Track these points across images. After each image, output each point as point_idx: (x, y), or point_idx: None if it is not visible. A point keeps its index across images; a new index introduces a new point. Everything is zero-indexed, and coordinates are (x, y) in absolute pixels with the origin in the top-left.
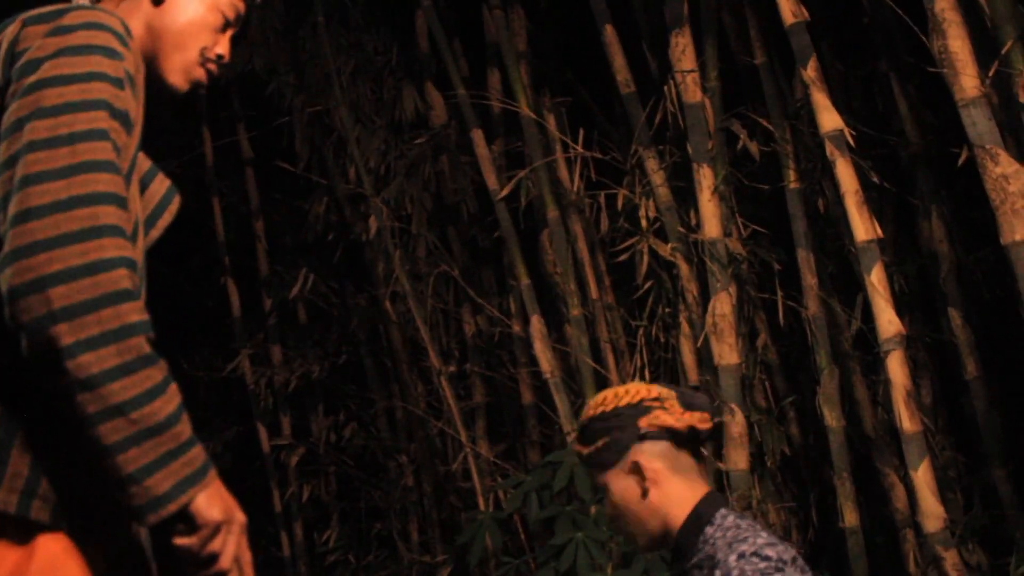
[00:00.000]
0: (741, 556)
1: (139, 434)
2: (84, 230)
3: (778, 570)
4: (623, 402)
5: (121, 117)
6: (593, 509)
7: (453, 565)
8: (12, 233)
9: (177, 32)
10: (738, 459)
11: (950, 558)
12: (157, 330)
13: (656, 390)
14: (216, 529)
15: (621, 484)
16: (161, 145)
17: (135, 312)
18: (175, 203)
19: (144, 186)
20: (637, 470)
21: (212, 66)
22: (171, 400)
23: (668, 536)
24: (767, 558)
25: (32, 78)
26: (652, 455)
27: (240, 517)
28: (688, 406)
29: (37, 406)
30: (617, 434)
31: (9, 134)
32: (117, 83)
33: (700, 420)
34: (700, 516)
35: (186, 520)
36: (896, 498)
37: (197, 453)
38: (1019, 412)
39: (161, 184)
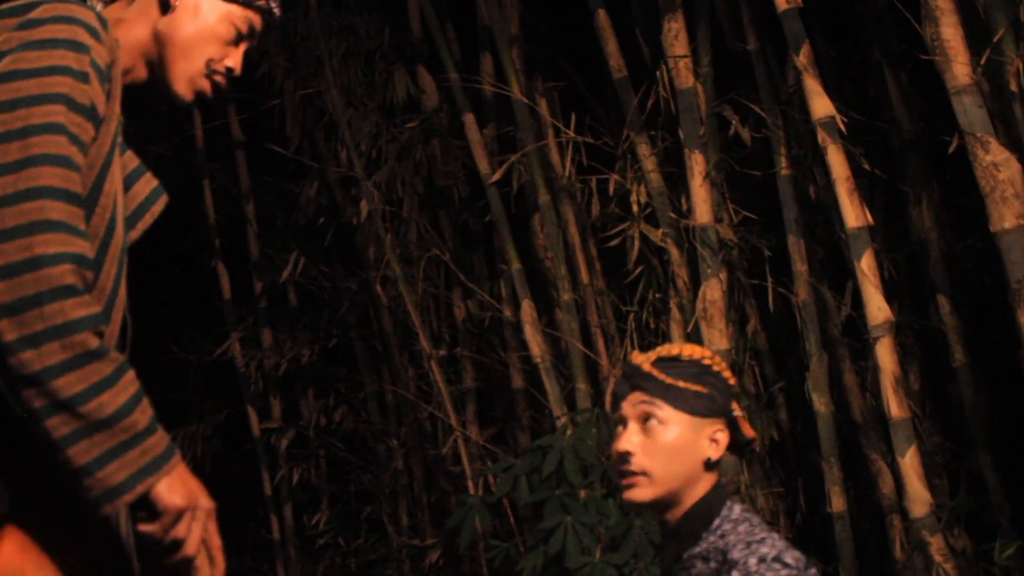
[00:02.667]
0: (762, 560)
1: (88, 427)
2: (28, 224)
3: None
4: (724, 372)
5: (83, 111)
6: (583, 493)
7: (443, 549)
8: None
9: (184, 41)
10: None
11: (936, 543)
12: (147, 313)
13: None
14: (178, 515)
15: (692, 435)
16: (151, 127)
17: (81, 307)
18: (159, 204)
19: (127, 186)
20: (717, 440)
21: (219, 78)
22: (123, 391)
23: (674, 509)
24: (788, 565)
25: None
26: (726, 439)
27: (205, 503)
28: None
29: None
30: (716, 394)
31: None
32: (80, 77)
33: (752, 444)
34: (711, 503)
35: (148, 507)
36: (883, 484)
37: (155, 442)
38: (1006, 399)
39: (146, 185)
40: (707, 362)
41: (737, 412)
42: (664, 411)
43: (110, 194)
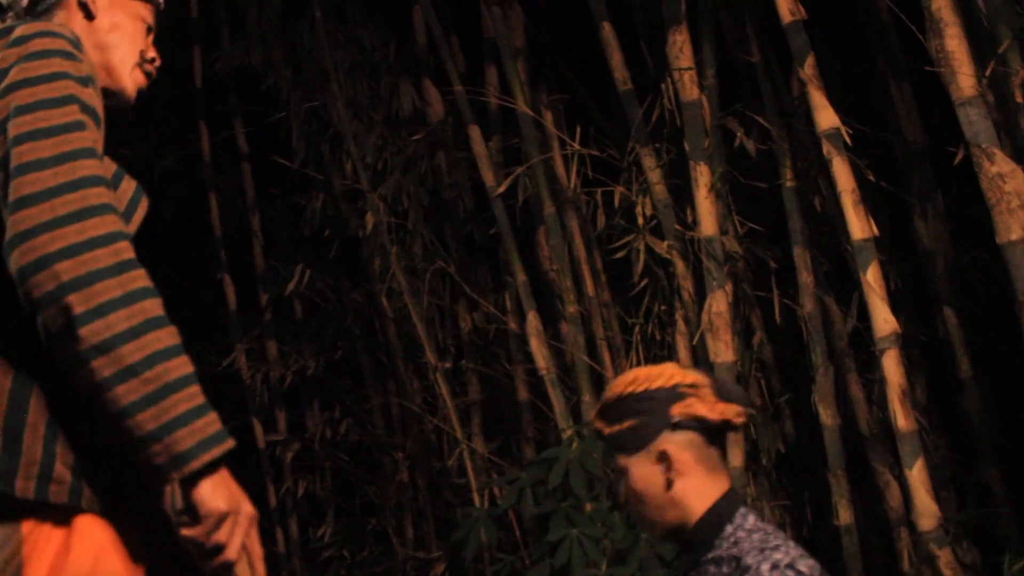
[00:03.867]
0: (775, 566)
1: (155, 393)
2: (77, 211)
3: None
4: (655, 384)
5: (90, 112)
6: (589, 506)
7: (448, 561)
8: (12, 220)
9: (118, 42)
10: (733, 457)
11: (944, 556)
12: None
13: (692, 376)
14: (221, 519)
15: (644, 471)
16: (157, 140)
17: (140, 279)
18: (144, 203)
19: (115, 184)
20: (665, 459)
21: (149, 66)
22: (185, 364)
23: (683, 528)
24: (801, 572)
25: (3, 85)
26: (681, 445)
27: (248, 509)
28: (723, 396)
29: (55, 392)
30: (646, 418)
31: None
32: (81, 81)
33: (736, 414)
34: (720, 513)
35: (191, 510)
36: (890, 496)
37: (215, 419)
38: (1013, 411)
39: (129, 184)
40: (630, 389)
41: (684, 408)
42: (619, 461)
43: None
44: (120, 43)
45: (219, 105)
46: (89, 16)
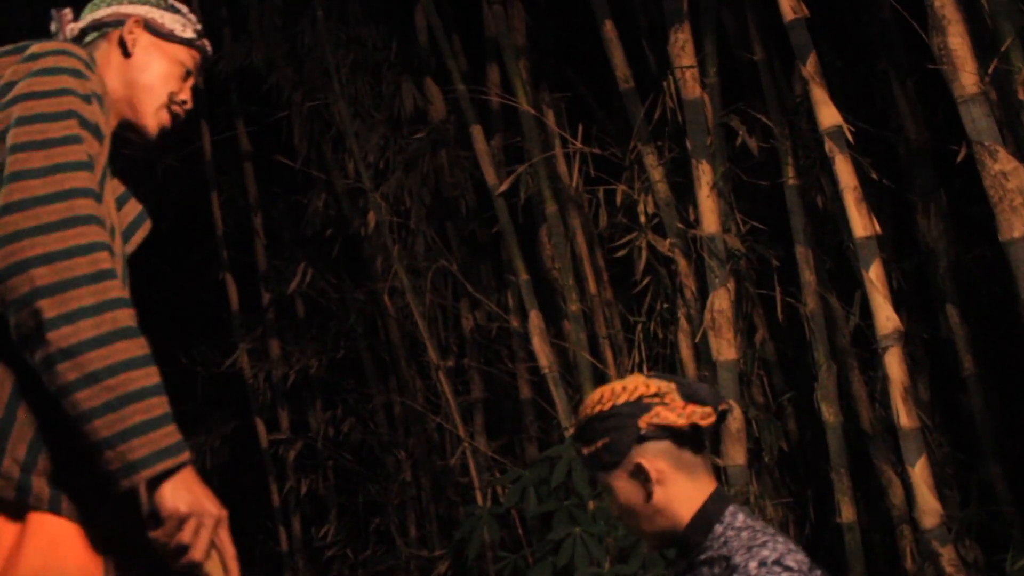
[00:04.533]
0: (763, 564)
1: (115, 401)
2: (62, 220)
3: None
4: (621, 400)
5: (91, 127)
6: (591, 505)
7: (451, 560)
8: None
9: (147, 81)
10: (736, 455)
11: (947, 554)
12: (155, 324)
13: (655, 384)
14: (181, 521)
15: (624, 486)
16: (160, 141)
17: (115, 289)
18: (146, 226)
19: (119, 205)
20: (640, 472)
21: (178, 109)
22: (149, 376)
23: (674, 534)
24: (789, 568)
25: (9, 97)
26: (654, 455)
27: (213, 510)
28: (690, 398)
29: (35, 394)
30: (616, 435)
31: None
32: (85, 98)
33: (703, 416)
34: (709, 514)
35: (153, 512)
36: (893, 494)
37: (173, 431)
38: (1016, 409)
39: (134, 208)
40: (597, 409)
41: (651, 419)
42: (601, 479)
43: (108, 204)
44: (150, 83)
45: (221, 104)
46: (126, 53)
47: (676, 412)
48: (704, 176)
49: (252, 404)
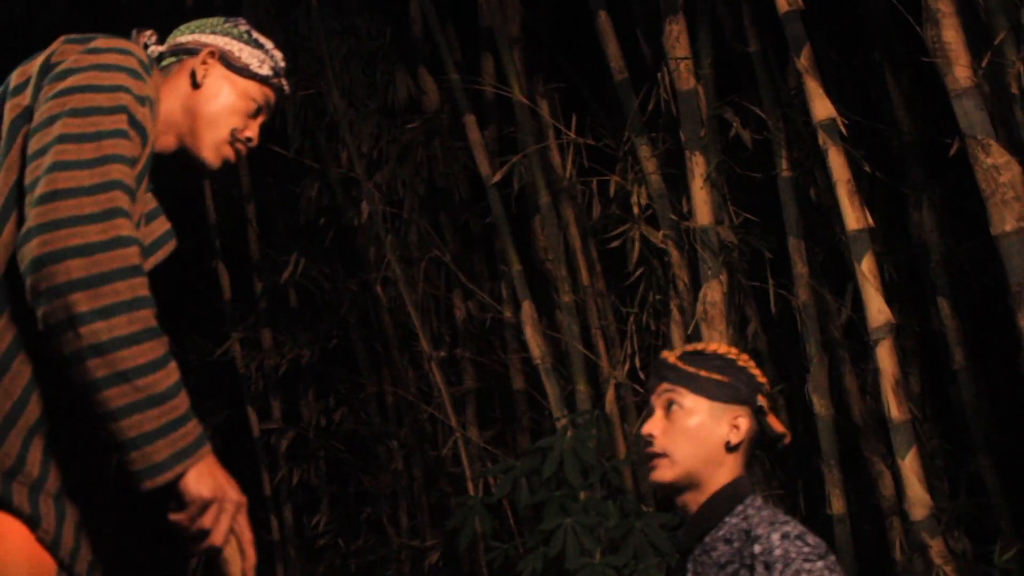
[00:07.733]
0: (785, 536)
1: (143, 402)
2: (105, 211)
3: (821, 557)
4: (752, 370)
5: (138, 127)
6: (583, 495)
7: (442, 550)
8: (37, 211)
9: (211, 114)
10: None
11: (936, 545)
12: None
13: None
14: (204, 506)
15: (714, 419)
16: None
17: (144, 287)
18: (169, 246)
19: (147, 220)
20: (739, 426)
21: (241, 146)
22: (172, 374)
23: (701, 489)
24: (809, 544)
25: (66, 83)
26: (749, 427)
27: (234, 496)
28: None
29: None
30: (740, 385)
31: (40, 129)
32: (138, 99)
33: (781, 437)
34: (739, 488)
35: (176, 496)
36: (883, 486)
37: (193, 428)
38: (1006, 402)
39: (161, 225)
40: (732, 356)
41: (765, 406)
42: (686, 398)
43: (136, 211)
44: (213, 115)
45: None
46: (195, 84)
47: (780, 426)
48: (698, 168)
49: (244, 393)
